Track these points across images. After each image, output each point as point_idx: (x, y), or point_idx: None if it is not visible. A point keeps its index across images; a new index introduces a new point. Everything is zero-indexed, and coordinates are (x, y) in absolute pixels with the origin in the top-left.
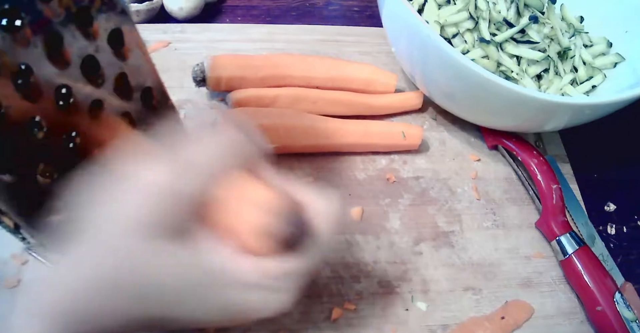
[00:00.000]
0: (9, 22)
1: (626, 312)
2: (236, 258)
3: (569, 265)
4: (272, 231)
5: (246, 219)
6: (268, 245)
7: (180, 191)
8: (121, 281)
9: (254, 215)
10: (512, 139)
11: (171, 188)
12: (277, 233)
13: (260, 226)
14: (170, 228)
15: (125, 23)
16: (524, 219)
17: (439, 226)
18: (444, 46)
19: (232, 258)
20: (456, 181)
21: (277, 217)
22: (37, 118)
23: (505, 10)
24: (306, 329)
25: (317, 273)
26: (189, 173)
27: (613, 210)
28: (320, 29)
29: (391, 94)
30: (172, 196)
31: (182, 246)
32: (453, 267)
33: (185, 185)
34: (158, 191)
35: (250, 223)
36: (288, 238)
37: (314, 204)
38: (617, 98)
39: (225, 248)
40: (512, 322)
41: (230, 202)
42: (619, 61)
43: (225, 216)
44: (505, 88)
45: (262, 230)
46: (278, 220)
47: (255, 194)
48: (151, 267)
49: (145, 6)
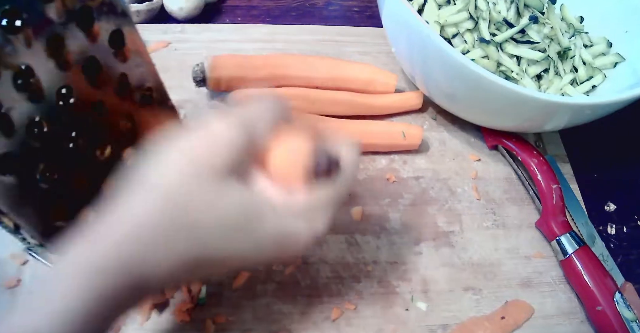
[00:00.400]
0: (9, 23)
1: (626, 312)
2: (284, 193)
3: (569, 265)
4: (307, 164)
5: (288, 160)
6: (305, 175)
7: (244, 139)
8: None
9: (294, 156)
10: (512, 139)
11: (237, 136)
12: (312, 167)
13: (298, 161)
14: (234, 170)
15: (125, 24)
16: (524, 219)
17: (439, 226)
18: (444, 46)
19: (281, 192)
20: (456, 181)
21: (311, 155)
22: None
23: (505, 11)
24: (306, 329)
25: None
26: (250, 124)
27: (613, 210)
28: (320, 29)
29: (391, 94)
30: (238, 143)
31: (244, 185)
32: (453, 267)
33: (247, 134)
34: (228, 138)
35: (291, 162)
36: (321, 171)
37: (337, 145)
38: (617, 98)
39: (276, 185)
40: (512, 322)
41: (276, 148)
42: (619, 61)
43: (274, 159)
44: (505, 88)
45: (300, 164)
46: (312, 157)
47: (294, 140)
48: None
49: (145, 6)
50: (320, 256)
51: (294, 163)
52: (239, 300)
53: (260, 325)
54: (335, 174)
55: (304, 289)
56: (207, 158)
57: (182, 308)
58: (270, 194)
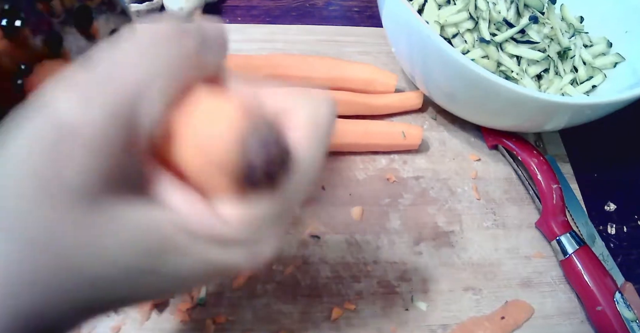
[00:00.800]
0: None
1: (626, 312)
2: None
3: (569, 265)
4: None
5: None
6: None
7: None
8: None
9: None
10: (512, 139)
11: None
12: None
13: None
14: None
15: (125, 24)
16: (524, 219)
17: (439, 226)
18: (444, 46)
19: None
20: (456, 181)
21: (242, 145)
22: None
23: (505, 11)
24: (306, 329)
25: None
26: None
27: (613, 210)
28: (320, 29)
29: (391, 94)
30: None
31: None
32: (453, 267)
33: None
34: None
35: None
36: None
37: (293, 113)
38: (617, 98)
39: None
40: (512, 322)
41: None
42: (619, 61)
43: (181, 153)
44: (505, 88)
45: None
46: (243, 150)
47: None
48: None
49: (145, 6)
50: (320, 256)
51: (213, 161)
52: (239, 300)
53: (260, 325)
54: (284, 172)
55: (304, 289)
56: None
57: (182, 308)
58: (182, 211)
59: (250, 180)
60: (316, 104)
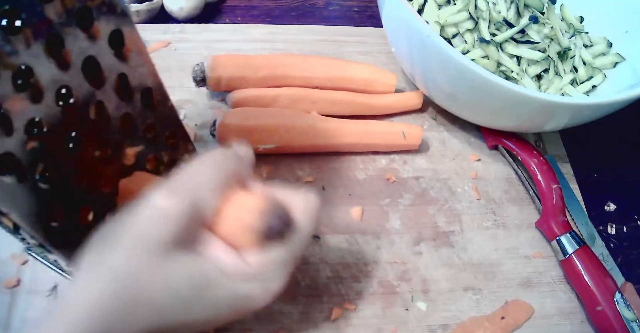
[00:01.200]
0: (9, 23)
1: (626, 312)
2: (236, 257)
3: (569, 265)
4: (258, 226)
5: (238, 223)
6: (257, 238)
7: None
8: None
9: (245, 217)
10: (512, 139)
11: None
12: (264, 230)
13: (249, 224)
14: (181, 241)
15: (125, 24)
16: (524, 219)
17: (439, 226)
18: (444, 46)
19: (233, 257)
20: (456, 181)
21: (262, 215)
22: (36, 119)
23: (505, 11)
24: (306, 329)
25: (300, 263)
26: (193, 192)
27: (613, 210)
28: (320, 29)
29: (391, 94)
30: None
31: (194, 254)
32: (453, 267)
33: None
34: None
35: (242, 224)
36: (272, 231)
37: (293, 201)
38: (617, 98)
39: (226, 250)
40: (512, 322)
41: (226, 211)
42: (619, 61)
43: (223, 223)
44: (505, 88)
45: (251, 227)
46: (262, 217)
47: (244, 201)
48: (169, 277)
49: (145, 6)
50: (320, 256)
51: (244, 226)
52: None
53: (260, 325)
54: (289, 234)
55: (304, 289)
56: (151, 234)
57: None
58: (221, 260)
59: (268, 237)
60: (307, 197)
